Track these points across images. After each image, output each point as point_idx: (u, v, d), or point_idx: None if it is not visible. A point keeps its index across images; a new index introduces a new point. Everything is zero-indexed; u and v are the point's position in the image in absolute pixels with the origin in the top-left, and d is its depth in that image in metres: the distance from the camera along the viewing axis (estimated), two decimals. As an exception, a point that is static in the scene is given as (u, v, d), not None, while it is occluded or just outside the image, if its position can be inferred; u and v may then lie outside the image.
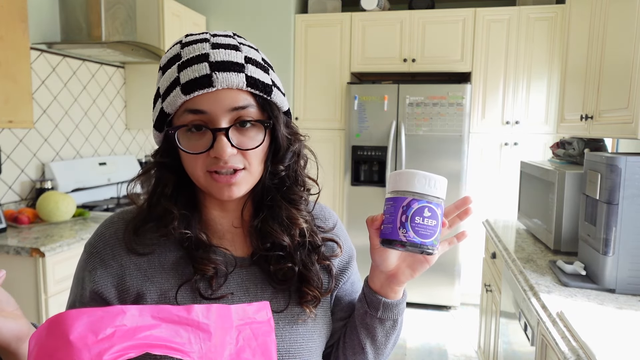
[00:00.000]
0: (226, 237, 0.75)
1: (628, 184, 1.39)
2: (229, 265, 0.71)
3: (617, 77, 1.63)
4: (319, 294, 0.73)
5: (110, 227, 0.74)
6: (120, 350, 0.46)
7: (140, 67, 3.10)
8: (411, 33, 3.41)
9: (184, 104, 0.64)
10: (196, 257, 0.69)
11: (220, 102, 0.63)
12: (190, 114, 0.64)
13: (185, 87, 0.63)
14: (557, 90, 3.16)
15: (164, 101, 0.66)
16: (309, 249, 0.74)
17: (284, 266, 0.71)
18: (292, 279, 0.72)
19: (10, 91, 1.91)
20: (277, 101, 0.69)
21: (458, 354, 2.82)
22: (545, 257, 1.79)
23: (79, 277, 0.74)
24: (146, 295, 0.69)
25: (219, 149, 0.63)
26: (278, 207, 0.72)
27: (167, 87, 0.66)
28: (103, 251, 0.72)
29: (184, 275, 0.69)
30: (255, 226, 0.73)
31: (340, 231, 0.83)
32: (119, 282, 0.70)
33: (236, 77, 0.64)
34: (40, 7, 2.42)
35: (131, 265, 0.70)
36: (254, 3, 3.56)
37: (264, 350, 0.55)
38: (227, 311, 0.54)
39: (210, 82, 0.63)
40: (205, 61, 0.64)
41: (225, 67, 0.64)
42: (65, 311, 0.47)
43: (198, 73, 0.63)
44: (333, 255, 0.78)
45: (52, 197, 2.19)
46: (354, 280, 0.83)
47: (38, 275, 1.81)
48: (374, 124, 3.39)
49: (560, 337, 1.17)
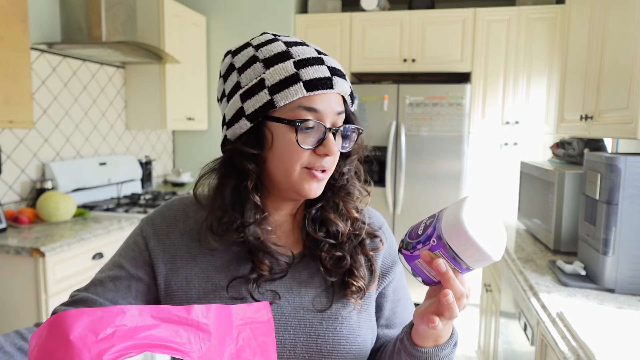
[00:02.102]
0: (277, 232, 0.77)
1: (628, 184, 1.39)
2: (287, 260, 0.74)
3: (617, 77, 1.64)
4: (365, 285, 0.74)
5: (170, 208, 0.78)
6: (120, 350, 0.46)
7: (140, 67, 3.10)
8: (411, 33, 3.41)
9: (300, 99, 0.67)
10: (256, 255, 0.72)
11: (331, 104, 0.69)
12: (305, 110, 0.67)
13: (309, 85, 0.67)
14: (557, 90, 3.16)
15: (277, 93, 0.67)
16: (355, 240, 0.76)
17: (334, 254, 0.74)
18: (342, 269, 0.74)
19: (10, 91, 1.91)
20: (355, 111, 0.76)
21: (458, 354, 2.82)
22: (545, 257, 1.79)
23: (130, 242, 0.77)
24: (194, 281, 0.72)
25: (330, 147, 0.68)
26: (335, 196, 0.76)
27: (281, 80, 0.67)
28: (159, 226, 0.76)
29: (237, 271, 0.72)
30: (313, 215, 0.76)
31: (386, 232, 0.84)
32: (168, 260, 0.74)
33: (345, 84, 0.71)
34: (40, 7, 2.42)
35: (183, 247, 0.74)
36: (254, 3, 3.56)
37: (263, 350, 0.55)
38: (227, 311, 0.54)
39: (332, 84, 0.68)
40: (324, 64, 0.69)
41: (339, 74, 0.70)
42: (65, 311, 0.47)
43: (321, 74, 0.68)
44: (375, 248, 0.79)
45: (52, 197, 2.19)
46: (397, 287, 0.83)
47: (38, 275, 1.81)
48: (373, 124, 3.39)
49: (560, 337, 1.17)
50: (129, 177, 3.06)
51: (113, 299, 0.72)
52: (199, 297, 0.72)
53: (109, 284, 0.73)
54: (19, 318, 1.85)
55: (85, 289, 0.74)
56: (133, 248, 0.75)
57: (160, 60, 2.90)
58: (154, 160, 3.48)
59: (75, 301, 0.72)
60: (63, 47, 2.49)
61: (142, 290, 0.74)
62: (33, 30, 2.34)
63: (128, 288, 0.73)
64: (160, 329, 0.49)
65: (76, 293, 0.74)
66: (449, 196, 3.36)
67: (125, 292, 0.73)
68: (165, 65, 3.05)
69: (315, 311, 0.72)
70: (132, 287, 0.73)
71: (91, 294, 0.72)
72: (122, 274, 0.73)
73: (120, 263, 0.74)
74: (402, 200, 3.40)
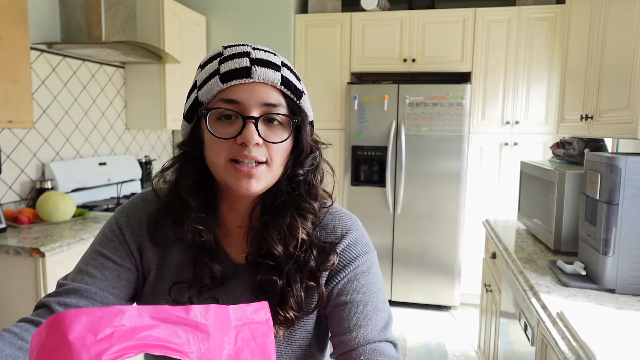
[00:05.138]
0: (231, 237, 0.76)
1: (628, 184, 1.39)
2: (228, 272, 0.73)
3: (617, 77, 1.63)
4: (293, 316, 0.70)
5: (143, 200, 0.79)
6: (119, 350, 0.46)
7: (140, 67, 3.10)
8: (411, 33, 3.41)
9: (220, 93, 0.67)
10: (200, 262, 0.72)
11: (254, 95, 0.67)
12: (224, 102, 0.67)
13: (224, 77, 0.66)
14: (557, 90, 3.16)
15: (200, 90, 0.69)
16: (298, 264, 0.71)
17: (269, 277, 0.70)
18: (274, 293, 0.70)
19: (10, 91, 1.91)
20: (305, 107, 0.72)
21: (458, 354, 2.82)
22: (545, 257, 1.79)
23: (107, 232, 0.77)
24: (150, 276, 0.76)
25: (247, 135, 0.65)
26: (284, 212, 0.72)
27: (205, 79, 0.69)
28: (132, 216, 0.77)
29: (184, 275, 0.73)
30: (255, 229, 0.73)
31: (352, 234, 0.77)
32: (139, 249, 0.76)
33: (273, 73, 0.67)
34: (40, 7, 2.42)
35: (150, 241, 0.76)
36: (254, 3, 3.56)
37: (262, 350, 0.55)
38: (225, 311, 0.54)
39: (249, 73, 0.66)
40: (247, 57, 0.68)
41: (264, 64, 0.68)
42: (65, 311, 0.47)
43: (238, 65, 0.67)
44: (326, 267, 0.73)
45: (52, 197, 2.19)
46: (352, 289, 0.73)
47: (38, 275, 1.81)
48: (374, 124, 3.39)
49: (560, 337, 1.17)
50: (129, 177, 3.06)
51: (105, 288, 0.72)
52: (149, 293, 0.75)
53: (97, 274, 0.73)
54: (19, 318, 1.85)
55: (72, 279, 0.73)
56: (112, 239, 0.76)
57: (160, 60, 2.90)
58: (154, 160, 3.48)
59: (66, 291, 0.71)
60: (63, 47, 2.49)
61: (131, 279, 0.76)
62: (33, 30, 2.34)
63: (118, 277, 0.74)
64: (159, 329, 0.49)
65: (65, 282, 0.73)
66: (449, 196, 3.36)
67: (116, 280, 0.73)
68: (165, 65, 3.05)
69: None
70: (121, 277, 0.74)
71: (82, 284, 0.71)
72: (109, 263, 0.74)
73: (103, 253, 0.75)
74: (402, 200, 3.40)
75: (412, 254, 3.44)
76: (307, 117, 0.73)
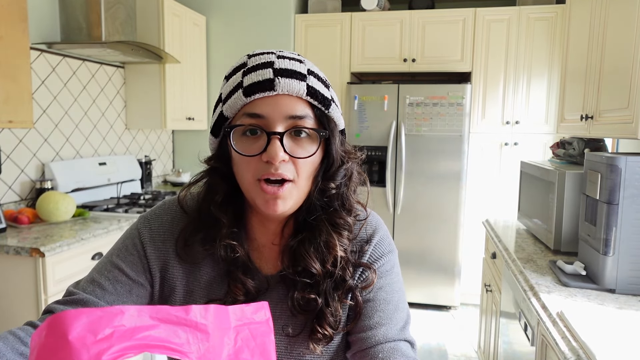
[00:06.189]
0: (262, 251, 0.75)
1: (628, 184, 1.39)
2: (261, 287, 0.72)
3: (617, 77, 1.63)
4: (331, 333, 0.69)
5: (168, 212, 0.76)
6: (119, 350, 0.46)
7: (140, 67, 3.10)
8: (411, 33, 3.41)
9: (244, 107, 0.65)
10: (233, 277, 0.70)
11: (279, 108, 0.64)
12: (248, 117, 0.64)
13: (247, 90, 0.64)
14: (557, 90, 3.16)
15: (224, 104, 0.67)
16: (335, 281, 0.70)
17: (308, 295, 0.69)
18: (314, 311, 0.69)
19: (10, 91, 1.91)
20: (334, 116, 0.69)
21: (458, 354, 2.82)
22: (545, 257, 1.79)
23: (128, 244, 0.75)
24: (178, 293, 0.73)
25: (272, 152, 0.63)
26: (319, 230, 0.70)
27: (229, 92, 0.66)
28: (157, 231, 0.74)
29: (216, 291, 0.72)
30: (291, 246, 0.71)
31: (377, 239, 0.77)
32: (162, 267, 0.73)
33: (297, 84, 0.65)
34: (40, 7, 2.42)
35: (176, 256, 0.73)
36: (254, 3, 3.56)
37: (262, 350, 0.55)
38: (224, 312, 0.54)
39: (272, 85, 0.63)
40: (270, 67, 0.65)
41: (288, 74, 0.64)
42: (65, 311, 0.47)
43: (261, 77, 0.64)
44: (365, 286, 0.72)
45: (52, 197, 2.19)
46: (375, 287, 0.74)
47: (38, 275, 1.81)
48: (374, 124, 3.39)
49: (560, 337, 1.17)
50: (129, 177, 3.06)
51: (114, 302, 0.71)
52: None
53: (109, 287, 0.72)
54: (19, 318, 1.85)
55: (83, 289, 0.72)
56: (132, 252, 0.74)
57: (160, 60, 2.90)
58: (154, 160, 3.48)
59: (74, 301, 0.71)
60: (63, 47, 2.49)
61: (143, 295, 0.74)
62: (33, 30, 2.34)
63: (129, 292, 0.72)
64: (159, 330, 0.49)
65: (75, 291, 0.72)
66: (449, 196, 3.36)
67: (127, 296, 0.72)
68: (165, 65, 3.05)
69: (283, 335, 0.71)
70: (133, 292, 0.73)
71: (91, 296, 0.71)
72: (122, 277, 0.72)
73: (119, 265, 0.73)
74: (402, 200, 3.40)
75: (412, 253, 3.44)
76: (337, 126, 0.70)
